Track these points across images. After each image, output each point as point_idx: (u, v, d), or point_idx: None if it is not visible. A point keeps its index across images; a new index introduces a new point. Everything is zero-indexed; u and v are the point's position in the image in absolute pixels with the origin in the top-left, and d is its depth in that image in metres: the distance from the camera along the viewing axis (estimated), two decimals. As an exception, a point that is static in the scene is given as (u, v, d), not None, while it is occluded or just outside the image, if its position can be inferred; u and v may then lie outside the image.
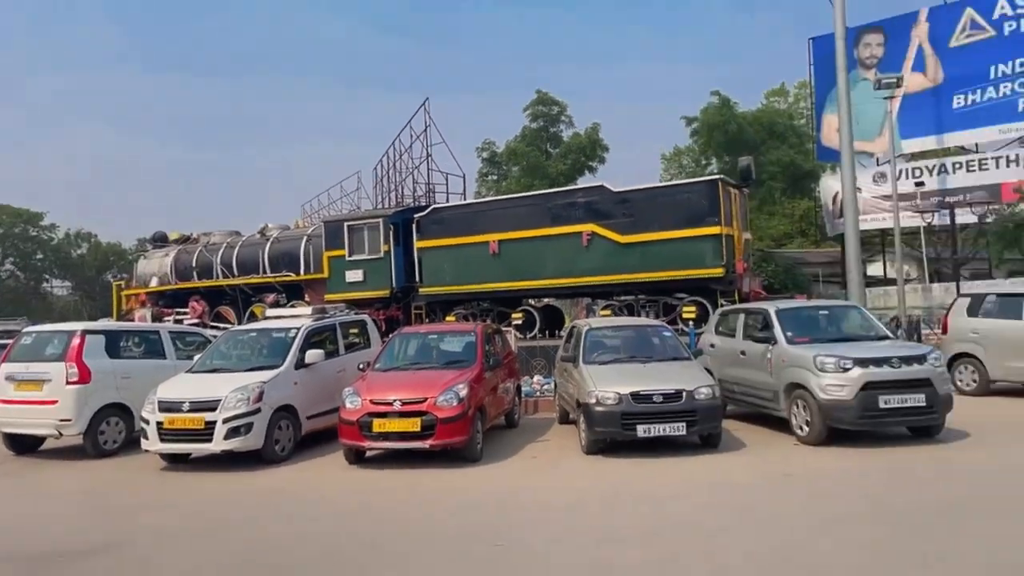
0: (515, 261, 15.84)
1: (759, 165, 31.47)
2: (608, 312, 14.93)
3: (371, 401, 8.12)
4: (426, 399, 7.97)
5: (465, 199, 24.06)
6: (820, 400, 8.10)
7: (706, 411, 8.02)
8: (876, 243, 27.53)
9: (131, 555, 5.56)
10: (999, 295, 11.81)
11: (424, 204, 19.96)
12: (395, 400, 8.04)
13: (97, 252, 54.56)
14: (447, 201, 22.40)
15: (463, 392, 8.10)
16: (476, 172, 41.27)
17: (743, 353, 9.75)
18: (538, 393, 12.62)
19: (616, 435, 8.08)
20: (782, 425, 8.86)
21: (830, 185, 28.47)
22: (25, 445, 9.97)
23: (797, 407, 8.51)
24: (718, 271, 13.92)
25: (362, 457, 8.48)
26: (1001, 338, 10.98)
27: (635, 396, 8.02)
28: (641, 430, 7.91)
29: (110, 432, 9.56)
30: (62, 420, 9.20)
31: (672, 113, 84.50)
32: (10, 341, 10.70)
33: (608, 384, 8.22)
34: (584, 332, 9.58)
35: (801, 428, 8.46)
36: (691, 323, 13.76)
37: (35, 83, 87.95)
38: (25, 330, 10.87)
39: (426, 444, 7.90)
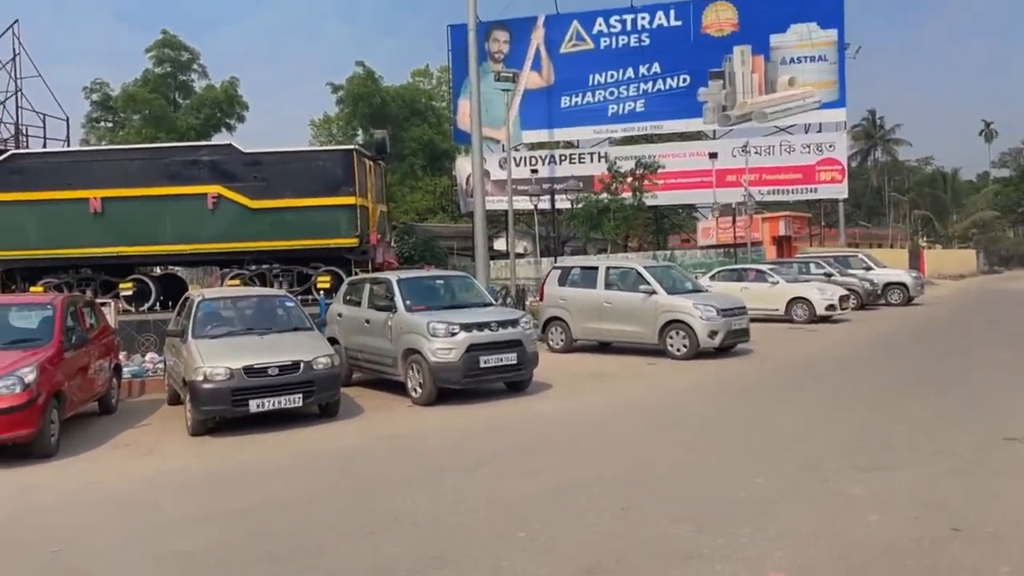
0: (124, 223, 13.89)
1: (398, 140, 32.65)
2: (237, 282, 14.02)
3: None
4: (-29, 388, 6.49)
5: (69, 148, 20.36)
6: (431, 363, 8.71)
7: (324, 381, 8.00)
8: (501, 221, 30.79)
9: None
10: (582, 268, 14.12)
11: (2, 149, 16.28)
12: (-79, 391, 6.40)
13: None
14: (44, 148, 18.72)
15: (30, 376, 6.78)
16: (84, 117, 35.15)
17: (368, 321, 9.99)
18: (149, 372, 11.32)
19: (226, 412, 7.61)
20: (401, 389, 9.32)
21: (464, 166, 30.98)
22: None
23: (412, 371, 9.03)
24: (352, 241, 14.06)
25: None
26: (581, 304, 13.14)
27: (248, 370, 7.64)
28: (254, 405, 7.58)
29: None
30: None
31: (323, 78, 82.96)
32: None
33: (218, 359, 7.68)
34: (196, 303, 8.80)
35: (415, 391, 9.00)
36: (322, 292, 13.68)
37: None
38: None
39: (-28, 443, 6.45)
